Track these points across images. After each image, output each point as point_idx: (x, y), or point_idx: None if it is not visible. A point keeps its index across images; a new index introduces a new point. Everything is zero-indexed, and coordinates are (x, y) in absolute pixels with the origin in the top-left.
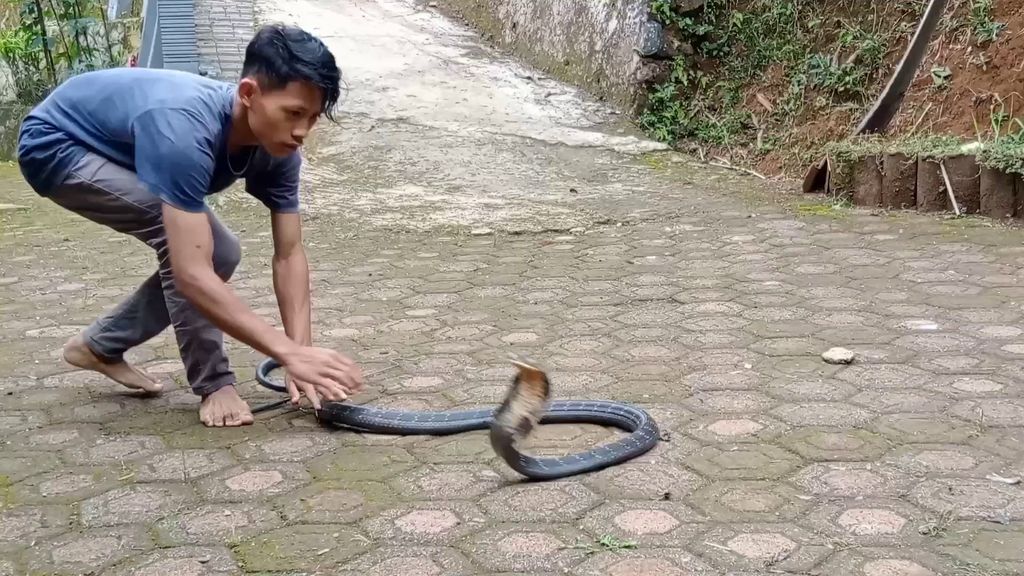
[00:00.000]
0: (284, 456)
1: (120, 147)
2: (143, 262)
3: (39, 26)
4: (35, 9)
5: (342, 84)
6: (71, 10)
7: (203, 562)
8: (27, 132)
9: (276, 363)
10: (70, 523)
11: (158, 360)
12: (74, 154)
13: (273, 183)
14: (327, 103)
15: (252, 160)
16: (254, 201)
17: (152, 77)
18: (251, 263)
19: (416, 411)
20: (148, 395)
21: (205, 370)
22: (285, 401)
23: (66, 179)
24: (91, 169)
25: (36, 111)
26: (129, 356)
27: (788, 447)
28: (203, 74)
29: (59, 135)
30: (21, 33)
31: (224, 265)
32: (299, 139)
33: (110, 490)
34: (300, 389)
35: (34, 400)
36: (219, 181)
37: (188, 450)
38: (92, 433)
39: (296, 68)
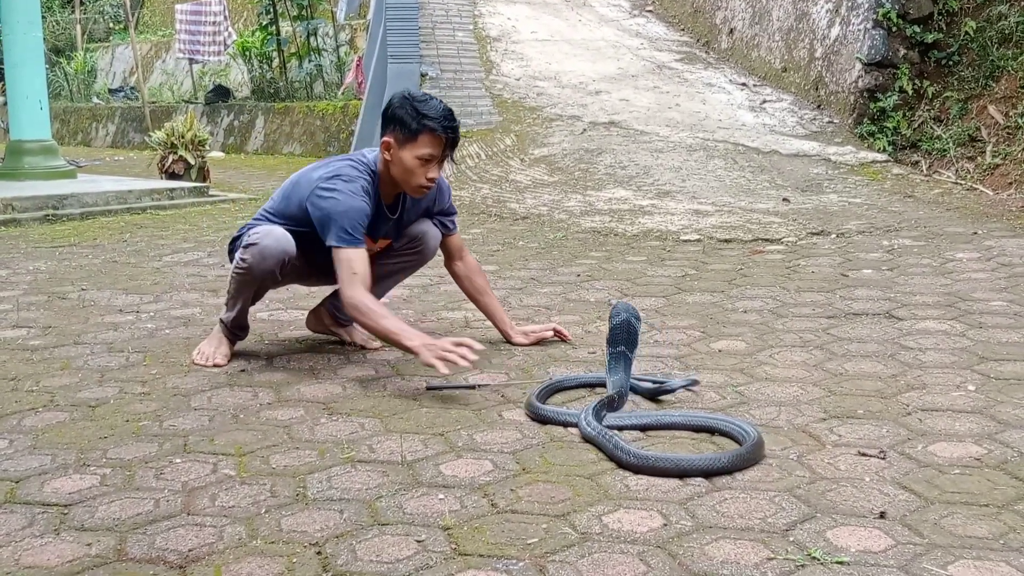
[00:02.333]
0: (495, 446)
1: (292, 221)
2: None
3: (274, 27)
4: (271, 10)
5: (547, 89)
6: (303, 12)
7: (419, 541)
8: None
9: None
10: (297, 495)
11: (380, 349)
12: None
13: (437, 216)
14: (451, 148)
15: (405, 206)
16: (467, 199)
17: (308, 167)
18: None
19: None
20: (367, 379)
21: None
22: (472, 387)
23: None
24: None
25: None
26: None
27: (1015, 474)
28: (423, 75)
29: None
30: (257, 33)
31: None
32: (432, 180)
33: (333, 467)
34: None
35: (264, 378)
36: (381, 227)
37: (405, 434)
38: (316, 412)
39: (423, 123)
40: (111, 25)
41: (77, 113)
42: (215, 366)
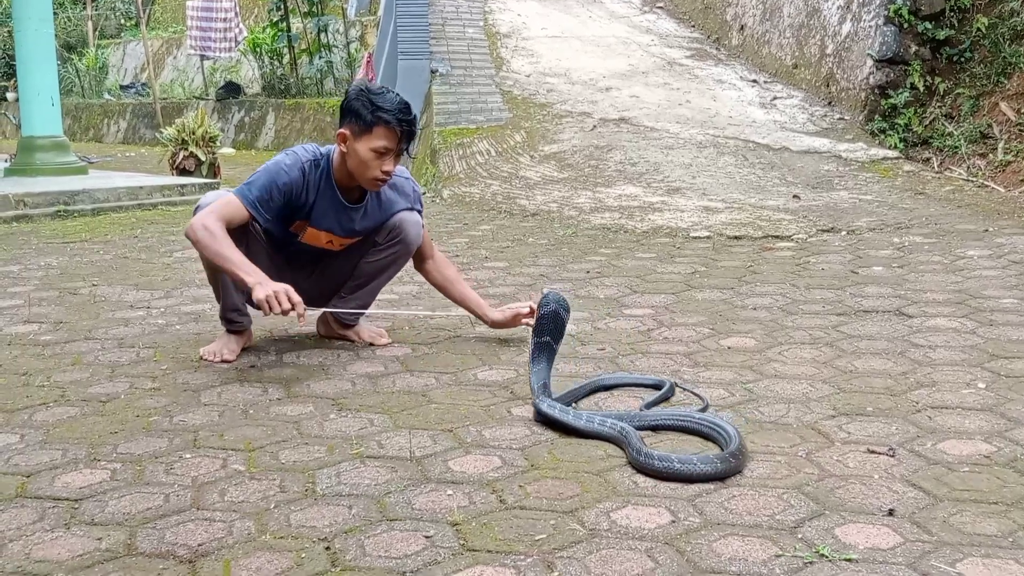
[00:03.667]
0: (503, 443)
1: None
2: None
3: (284, 23)
4: (282, 7)
5: (559, 88)
6: (314, 8)
7: (427, 536)
8: None
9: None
10: (306, 490)
11: (389, 345)
12: None
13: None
14: (406, 142)
15: (372, 202)
16: (477, 196)
17: None
18: (473, 255)
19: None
20: (377, 375)
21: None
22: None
23: None
24: None
25: None
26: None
27: None
28: (433, 71)
29: None
30: (268, 29)
31: None
32: (388, 174)
33: (342, 462)
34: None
35: (274, 374)
36: (342, 217)
37: (413, 430)
38: (326, 408)
39: (378, 115)
40: (122, 21)
41: (89, 109)
42: (223, 361)
